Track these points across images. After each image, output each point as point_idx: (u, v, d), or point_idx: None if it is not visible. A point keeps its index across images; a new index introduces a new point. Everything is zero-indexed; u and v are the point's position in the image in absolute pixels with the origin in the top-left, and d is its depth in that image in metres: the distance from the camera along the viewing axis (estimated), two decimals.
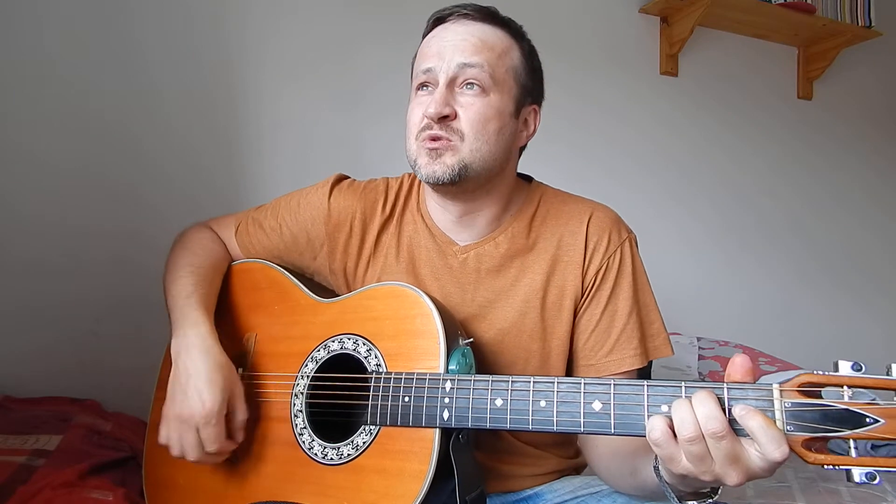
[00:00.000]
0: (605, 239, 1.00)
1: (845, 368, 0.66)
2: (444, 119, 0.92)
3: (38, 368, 1.63)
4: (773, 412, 0.66)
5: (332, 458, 0.88)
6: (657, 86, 2.56)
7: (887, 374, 0.66)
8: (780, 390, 0.67)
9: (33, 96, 1.69)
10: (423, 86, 0.97)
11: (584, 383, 0.75)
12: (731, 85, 2.69)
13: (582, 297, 1.00)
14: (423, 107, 0.95)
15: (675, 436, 0.67)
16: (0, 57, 1.65)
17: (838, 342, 2.78)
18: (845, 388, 0.66)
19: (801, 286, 2.81)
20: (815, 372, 0.67)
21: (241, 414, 0.93)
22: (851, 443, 0.65)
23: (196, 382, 0.91)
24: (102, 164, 1.74)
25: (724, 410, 0.67)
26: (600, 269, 0.99)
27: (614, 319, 0.99)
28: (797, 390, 0.66)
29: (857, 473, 0.63)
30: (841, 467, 0.64)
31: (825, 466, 0.64)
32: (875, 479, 0.63)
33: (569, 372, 1.04)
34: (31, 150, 1.68)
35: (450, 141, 0.92)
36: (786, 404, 0.66)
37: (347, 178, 1.13)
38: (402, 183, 1.11)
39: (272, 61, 1.95)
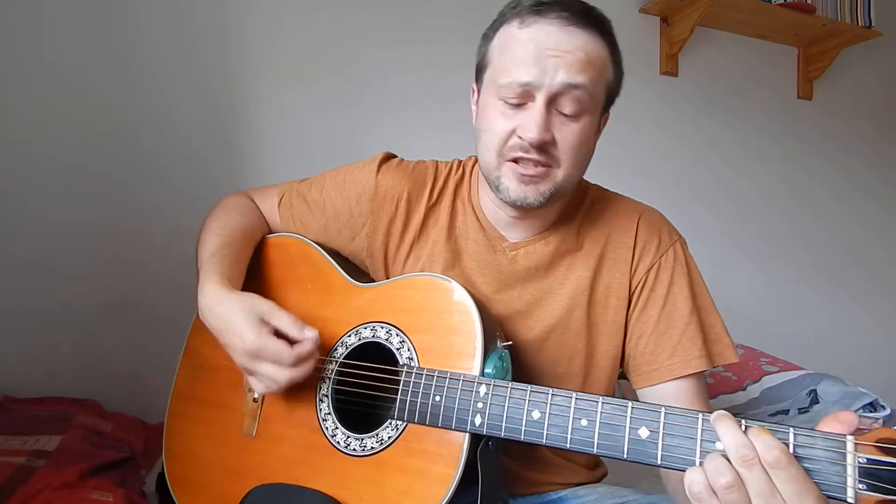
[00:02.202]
0: (656, 238, 0.98)
1: None
2: (543, 145, 0.87)
3: (38, 368, 1.63)
4: (843, 465, 0.60)
5: (354, 449, 0.86)
6: (657, 86, 2.56)
7: None
8: (855, 443, 0.60)
9: (34, 96, 1.68)
10: (516, 99, 0.87)
11: (632, 407, 0.69)
12: (731, 85, 2.69)
13: (631, 296, 0.98)
14: (511, 121, 0.87)
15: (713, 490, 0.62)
16: (1, 56, 1.65)
17: (839, 342, 2.78)
18: None
19: (801, 286, 2.81)
20: None
21: (287, 323, 0.87)
22: None
23: (229, 330, 0.88)
24: (103, 164, 1.74)
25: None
26: (652, 267, 0.97)
27: (673, 320, 0.95)
28: (875, 445, 0.59)
29: None
30: None
31: None
32: None
33: (622, 378, 1.02)
34: (32, 151, 1.68)
35: (548, 167, 0.88)
36: (860, 460, 0.59)
37: (395, 156, 1.10)
38: (451, 169, 1.07)
39: (273, 61, 1.95)
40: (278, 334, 0.87)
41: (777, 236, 2.78)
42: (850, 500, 0.60)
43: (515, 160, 0.88)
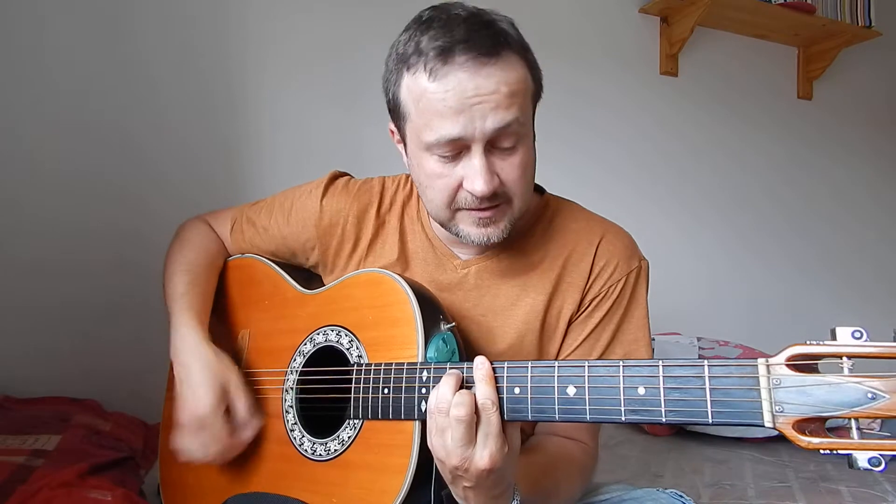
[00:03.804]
0: (612, 266, 0.95)
1: (844, 336, 0.57)
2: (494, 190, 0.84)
3: (38, 368, 1.63)
4: (758, 390, 0.59)
5: (320, 454, 0.87)
6: (657, 86, 2.56)
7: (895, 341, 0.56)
8: (768, 366, 0.59)
9: (33, 97, 1.69)
10: (450, 153, 0.83)
11: (558, 366, 0.70)
12: (731, 85, 2.69)
13: (574, 315, 0.96)
14: (452, 175, 0.84)
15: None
16: (0, 58, 1.66)
17: None
18: (844, 359, 0.57)
19: (801, 285, 2.81)
20: (807, 342, 0.58)
21: (242, 408, 0.92)
22: (853, 423, 0.56)
23: (189, 385, 0.91)
24: (102, 165, 1.74)
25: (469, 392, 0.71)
26: (598, 296, 0.95)
27: (593, 349, 0.95)
28: (787, 364, 0.58)
29: (861, 458, 0.55)
30: (841, 452, 0.56)
31: (822, 451, 0.56)
32: (880, 464, 0.55)
33: None
34: (31, 151, 1.68)
35: (502, 205, 0.87)
36: (774, 381, 0.58)
37: (344, 175, 1.09)
38: (398, 185, 1.06)
39: (272, 62, 1.95)
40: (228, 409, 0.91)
41: (778, 234, 2.78)
42: (767, 424, 0.58)
43: (468, 208, 0.86)
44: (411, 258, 1.01)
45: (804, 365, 0.58)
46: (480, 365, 0.72)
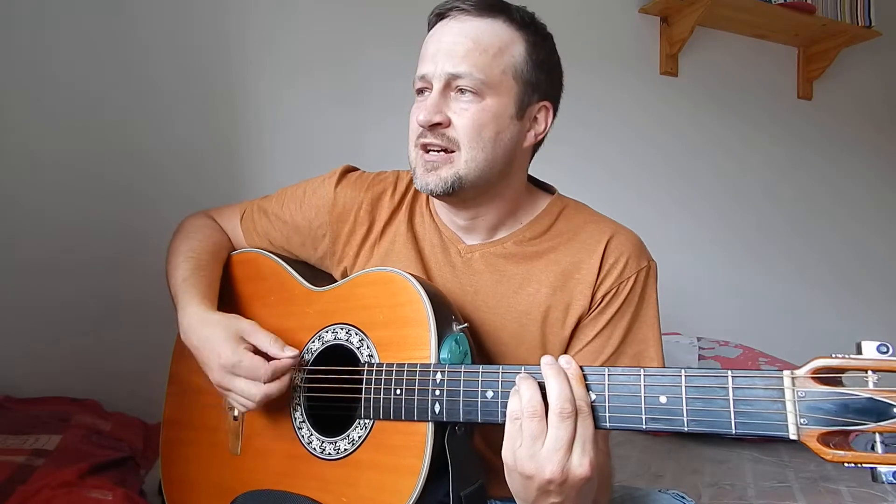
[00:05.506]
0: (622, 263, 0.96)
1: (870, 350, 0.57)
2: (436, 127, 0.90)
3: (38, 368, 1.63)
4: (783, 402, 0.59)
5: (329, 453, 0.87)
6: (657, 86, 2.56)
7: None
8: (793, 378, 0.59)
9: (34, 96, 1.69)
10: (420, 90, 0.94)
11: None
12: (731, 85, 2.70)
13: (585, 314, 0.96)
14: (415, 112, 0.93)
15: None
16: (1, 56, 1.65)
17: (841, 341, 2.77)
18: (870, 373, 0.57)
19: (801, 285, 2.81)
20: (833, 355, 0.59)
21: (265, 338, 0.90)
22: (877, 437, 0.57)
23: (207, 346, 0.91)
24: (103, 164, 1.74)
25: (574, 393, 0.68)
26: (609, 292, 0.95)
27: (605, 347, 0.95)
28: (812, 377, 0.59)
29: (885, 472, 0.56)
30: (865, 465, 0.57)
31: (846, 465, 0.57)
32: None
33: None
34: (32, 150, 1.68)
35: (447, 153, 0.90)
36: (799, 394, 0.58)
37: (356, 169, 1.12)
38: (411, 178, 1.07)
39: (273, 62, 1.95)
40: (258, 353, 0.89)
41: (777, 234, 2.78)
42: (792, 436, 0.59)
43: (424, 149, 0.92)
44: (420, 241, 1.03)
45: (829, 378, 0.59)
46: (567, 364, 0.70)
